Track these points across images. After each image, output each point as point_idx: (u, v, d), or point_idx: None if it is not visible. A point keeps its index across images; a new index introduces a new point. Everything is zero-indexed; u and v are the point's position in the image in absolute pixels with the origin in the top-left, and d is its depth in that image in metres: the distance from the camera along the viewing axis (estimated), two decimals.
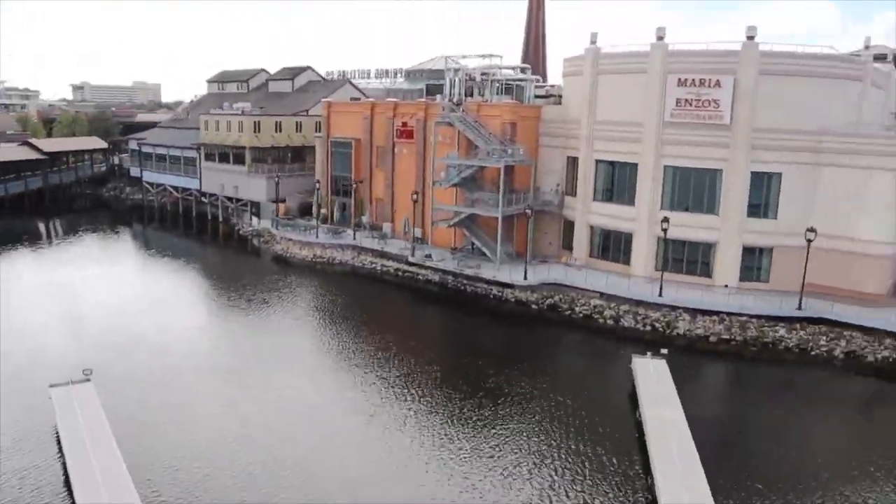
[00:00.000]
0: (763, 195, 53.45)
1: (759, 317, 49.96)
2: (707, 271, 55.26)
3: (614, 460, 32.40)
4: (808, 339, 48.25)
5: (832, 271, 51.88)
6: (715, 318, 50.49)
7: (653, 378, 38.84)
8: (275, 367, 42.69)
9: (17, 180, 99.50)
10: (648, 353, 41.38)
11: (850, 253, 51.51)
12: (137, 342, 46.00)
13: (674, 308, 51.76)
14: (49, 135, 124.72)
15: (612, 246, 59.84)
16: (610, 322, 52.67)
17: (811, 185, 52.50)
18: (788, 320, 49.62)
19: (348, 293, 61.76)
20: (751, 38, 51.82)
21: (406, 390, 39.45)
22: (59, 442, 30.94)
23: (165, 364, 42.35)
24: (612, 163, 59.25)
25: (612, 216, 59.24)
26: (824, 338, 48.13)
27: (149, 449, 31.70)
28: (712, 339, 49.35)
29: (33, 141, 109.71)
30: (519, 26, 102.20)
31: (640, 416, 35.22)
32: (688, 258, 55.90)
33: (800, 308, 50.06)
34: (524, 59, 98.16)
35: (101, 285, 61.65)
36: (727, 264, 54.29)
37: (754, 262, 54.34)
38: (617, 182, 59.29)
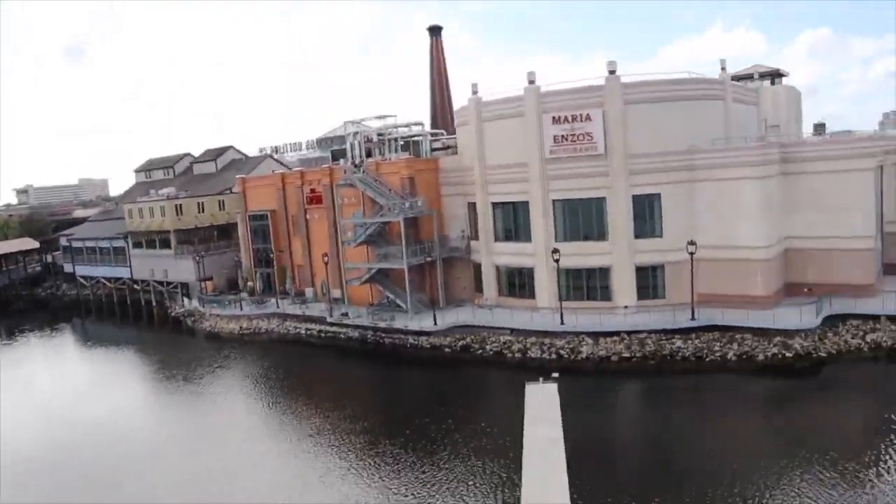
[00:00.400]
0: (647, 216, 56.15)
1: (656, 332, 52.17)
2: (607, 295, 57.51)
3: (496, 476, 34.16)
4: (702, 346, 50.43)
5: (721, 280, 54.33)
6: (616, 338, 52.54)
7: (540, 401, 40.32)
8: (203, 443, 43.71)
9: None
10: (541, 379, 43.02)
11: (733, 260, 54.08)
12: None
13: (577, 334, 53.78)
14: None
15: (518, 283, 62.03)
16: (518, 355, 54.47)
17: (689, 201, 55.30)
18: (684, 331, 51.83)
19: (275, 360, 62.96)
20: (612, 72, 55.16)
21: (334, 446, 40.56)
22: None
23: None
24: (506, 204, 61.81)
25: (513, 254, 61.58)
26: (717, 343, 50.36)
27: None
28: (614, 358, 51.29)
29: None
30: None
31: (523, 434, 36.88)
32: (587, 285, 58.19)
33: (693, 318, 52.39)
34: (433, 116, 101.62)
35: (38, 382, 62.60)
36: (624, 286, 56.62)
37: (649, 280, 56.69)
38: (514, 221, 61.76)
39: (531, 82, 58.00)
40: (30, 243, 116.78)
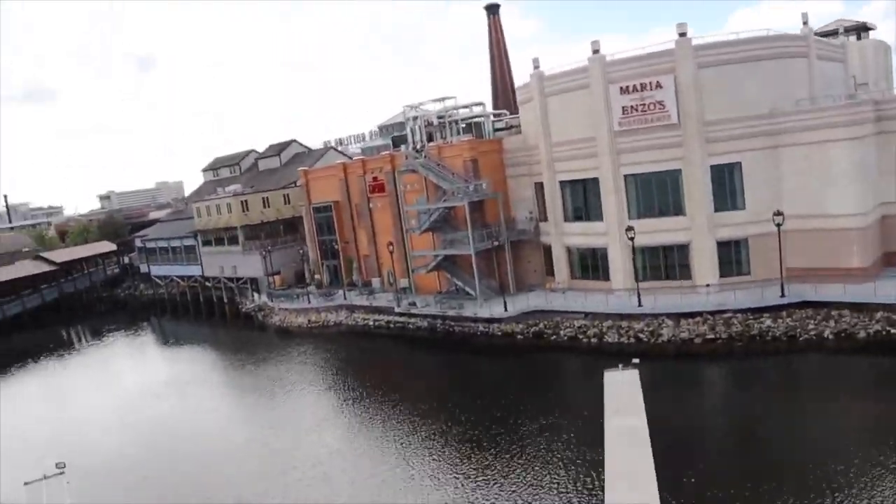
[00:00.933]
0: (727, 187, 52.42)
1: (742, 311, 48.68)
2: (686, 273, 54.07)
3: (577, 470, 31.99)
4: (794, 325, 46.82)
5: (812, 252, 50.31)
6: (698, 318, 49.35)
7: (620, 389, 37.74)
8: (282, 433, 43.01)
9: (34, 294, 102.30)
10: (620, 366, 40.37)
11: (825, 230, 49.93)
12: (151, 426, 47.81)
13: (656, 316, 50.74)
14: (64, 245, 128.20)
15: (590, 264, 59.11)
16: (594, 340, 51.84)
17: (774, 168, 51.35)
18: (773, 309, 48.16)
19: (344, 352, 62.27)
20: (682, 34, 51.51)
21: (408, 436, 39.42)
22: None
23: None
24: (574, 182, 58.86)
25: (584, 234, 58.64)
26: (812, 321, 46.66)
27: None
28: (697, 340, 48.21)
29: (44, 254, 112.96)
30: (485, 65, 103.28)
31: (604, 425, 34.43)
32: (665, 263, 54.86)
33: (783, 295, 48.64)
34: (493, 96, 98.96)
35: (122, 378, 64.53)
36: (704, 263, 53.08)
37: (731, 256, 53.01)
38: (584, 200, 58.82)
39: (595, 52, 54.80)
40: (108, 246, 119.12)
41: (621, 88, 53.55)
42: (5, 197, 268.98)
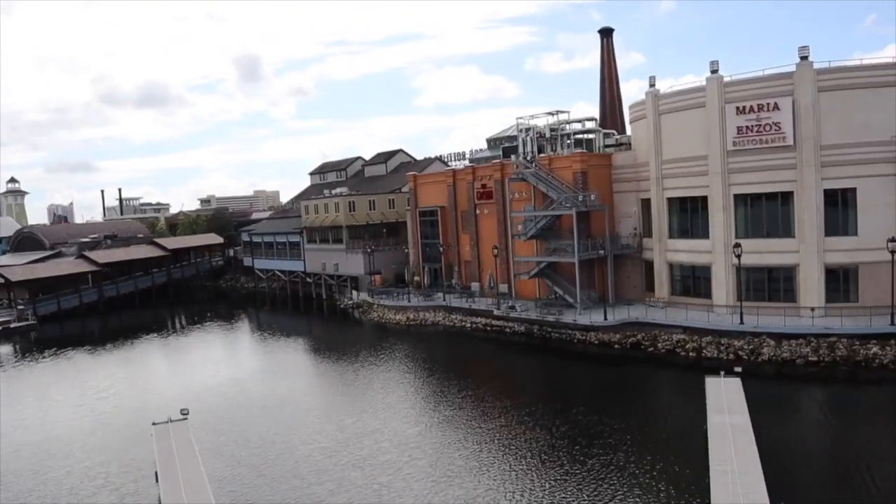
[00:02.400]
0: (839, 212, 52.38)
1: (848, 336, 48.35)
2: (791, 296, 54.02)
3: (677, 468, 32.52)
4: None
5: None
6: (801, 340, 49.21)
7: (723, 392, 38.48)
8: (377, 422, 43.52)
9: (146, 276, 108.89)
10: (721, 373, 41.03)
11: None
12: (248, 400, 50.29)
13: (757, 335, 50.85)
14: (173, 236, 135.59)
15: (693, 281, 59.65)
16: (692, 354, 52.25)
17: (890, 195, 51.06)
18: (881, 337, 47.68)
19: (441, 350, 64.34)
20: (804, 57, 52.02)
21: (503, 439, 39.10)
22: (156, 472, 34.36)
23: (268, 416, 45.78)
24: (682, 199, 59.74)
25: (688, 251, 59.31)
26: None
27: (236, 482, 34.63)
28: (799, 362, 48.13)
29: (158, 240, 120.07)
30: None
31: (706, 425, 35.06)
32: (769, 284, 54.98)
33: (893, 323, 48.20)
34: (601, 115, 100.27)
35: (222, 360, 67.35)
36: (810, 287, 52.97)
37: (839, 281, 52.74)
38: (690, 217, 59.53)
39: (713, 72, 55.82)
40: (215, 238, 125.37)
41: (737, 108, 54.30)
42: (119, 190, 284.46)
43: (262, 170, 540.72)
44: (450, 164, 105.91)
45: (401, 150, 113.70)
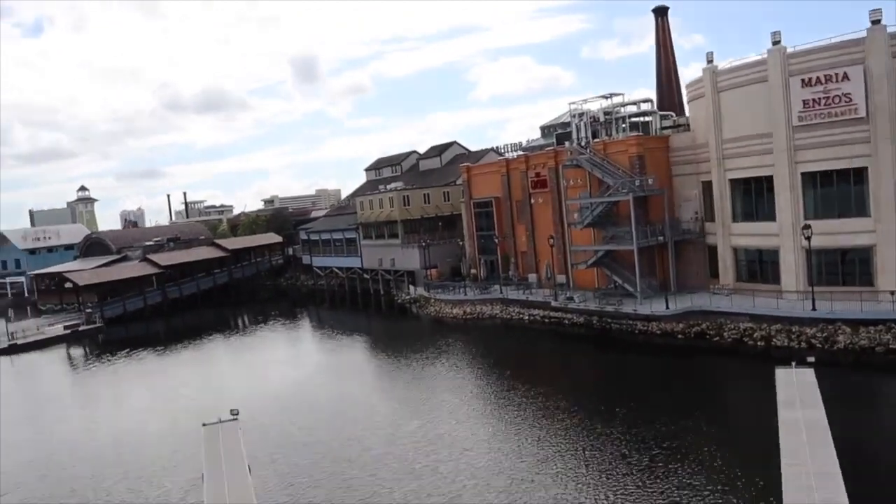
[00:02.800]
0: None
1: None
2: (868, 280, 50.60)
3: (745, 467, 30.28)
4: None
5: None
6: (881, 327, 45.87)
7: (795, 385, 35.80)
8: (433, 414, 42.82)
9: (207, 277, 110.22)
10: (793, 363, 38.39)
11: None
12: (307, 401, 49.79)
13: (831, 321, 47.68)
14: (234, 237, 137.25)
15: (760, 266, 56.64)
16: (761, 344, 49.47)
17: None
18: None
19: (500, 344, 63.01)
20: (875, 21, 48.49)
21: (571, 441, 36.84)
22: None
23: (328, 418, 44.88)
24: (746, 180, 56.69)
25: (753, 235, 56.28)
26: None
27: (283, 488, 33.86)
28: (879, 350, 44.93)
29: (219, 241, 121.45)
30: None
31: (777, 420, 32.69)
32: (843, 268, 51.69)
33: None
34: (658, 97, 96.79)
35: (283, 360, 67.12)
36: (889, 269, 49.45)
37: None
38: (754, 199, 56.50)
39: (775, 43, 52.66)
40: (274, 238, 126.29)
41: (803, 81, 51.09)
42: (184, 194, 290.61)
43: (323, 169, 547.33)
44: (504, 154, 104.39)
45: (455, 143, 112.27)
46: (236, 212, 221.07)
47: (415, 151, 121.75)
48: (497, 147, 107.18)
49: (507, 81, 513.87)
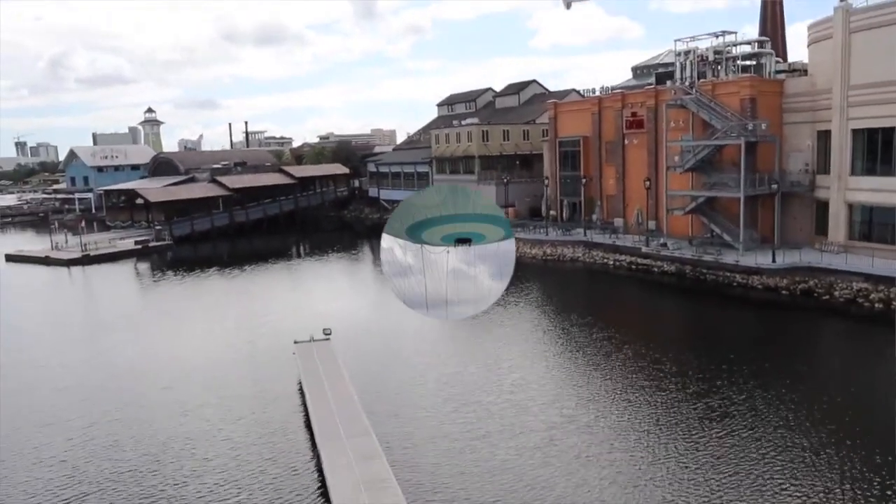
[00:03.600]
0: None
1: None
2: None
3: (860, 439, 27.14)
4: None
5: None
6: None
7: None
8: (507, 354, 41.27)
9: (274, 203, 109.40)
10: None
11: None
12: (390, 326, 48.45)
13: None
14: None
15: (878, 225, 52.96)
16: (879, 306, 46.18)
17: None
18: None
19: (582, 288, 61.04)
20: None
21: (651, 388, 34.75)
22: (300, 389, 32.92)
23: (403, 342, 43.91)
24: (872, 130, 52.63)
25: (875, 190, 52.41)
26: None
27: (382, 398, 33.00)
28: None
29: (286, 168, 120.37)
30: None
31: None
32: None
33: None
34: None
35: (354, 288, 66.48)
36: None
37: None
38: (880, 151, 52.53)
39: None
40: (340, 168, 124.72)
41: None
42: (245, 123, 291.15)
43: (379, 109, 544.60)
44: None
45: (534, 81, 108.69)
46: (296, 144, 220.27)
47: (490, 89, 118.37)
48: (577, 89, 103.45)
49: (572, 30, 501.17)
